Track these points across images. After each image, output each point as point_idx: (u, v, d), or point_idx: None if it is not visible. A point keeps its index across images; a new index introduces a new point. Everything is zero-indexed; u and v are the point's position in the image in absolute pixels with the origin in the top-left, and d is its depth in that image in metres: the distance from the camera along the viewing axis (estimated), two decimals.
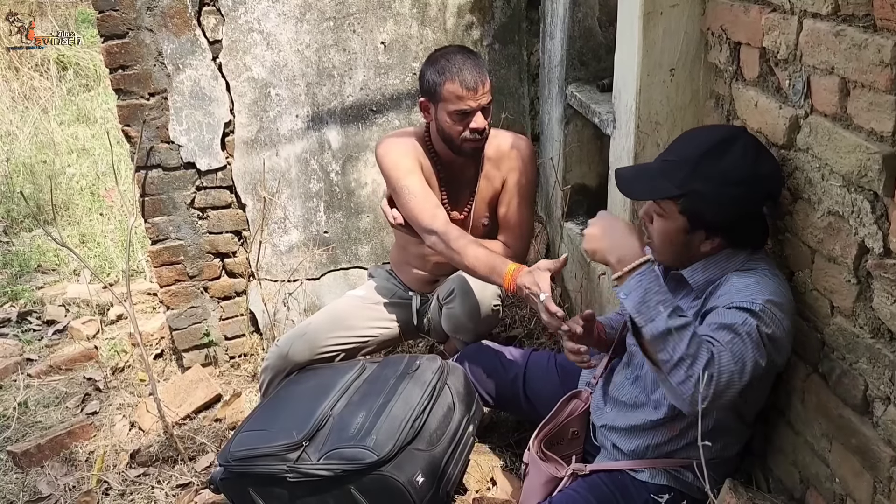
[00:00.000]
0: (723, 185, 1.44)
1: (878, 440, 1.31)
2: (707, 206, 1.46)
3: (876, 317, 1.28)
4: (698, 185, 1.45)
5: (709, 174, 1.44)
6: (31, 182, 4.90)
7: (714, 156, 1.45)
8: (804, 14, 1.39)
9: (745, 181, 1.44)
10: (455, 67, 2.04)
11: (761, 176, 1.45)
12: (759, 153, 1.47)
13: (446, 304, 2.18)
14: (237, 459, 1.86)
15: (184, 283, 2.80)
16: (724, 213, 1.46)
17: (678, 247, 1.54)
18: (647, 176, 1.55)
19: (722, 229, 1.49)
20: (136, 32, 2.47)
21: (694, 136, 1.56)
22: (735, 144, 1.45)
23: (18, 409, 2.75)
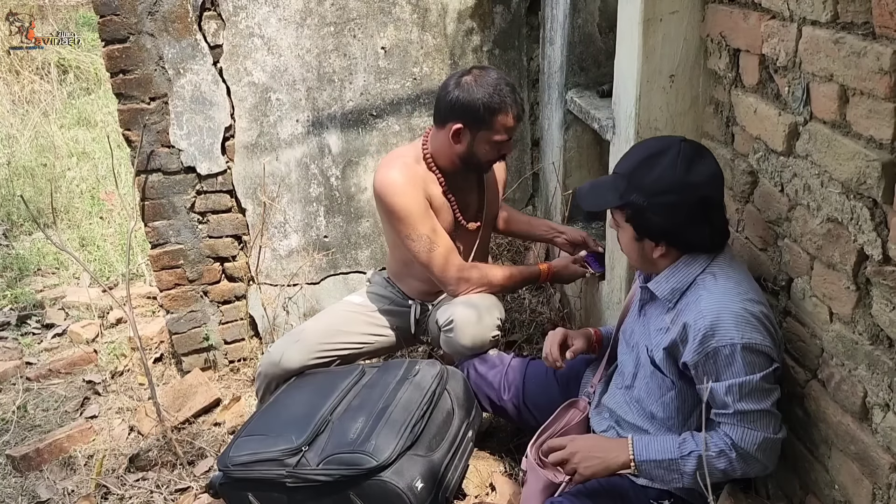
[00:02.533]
0: (653, 195, 1.51)
1: (876, 447, 1.31)
2: (645, 216, 1.54)
3: (875, 323, 1.28)
4: (634, 195, 1.53)
5: (640, 185, 1.53)
6: (32, 185, 4.90)
7: (645, 167, 1.53)
8: (803, 21, 1.40)
9: (674, 190, 1.50)
10: (509, 98, 2.02)
11: (691, 184, 1.50)
12: (692, 162, 1.52)
13: (444, 330, 2.15)
14: (236, 464, 1.86)
15: (184, 286, 2.80)
16: (660, 222, 1.53)
17: (637, 253, 1.62)
18: (599, 188, 1.65)
19: (665, 237, 1.55)
20: (138, 37, 2.48)
21: (634, 149, 1.64)
22: (666, 155, 1.52)
23: (17, 412, 2.75)
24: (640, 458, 1.57)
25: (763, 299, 1.52)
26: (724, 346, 1.45)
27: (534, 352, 2.70)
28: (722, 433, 1.51)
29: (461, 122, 2.04)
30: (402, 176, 2.10)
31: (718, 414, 1.52)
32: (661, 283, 1.60)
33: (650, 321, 1.68)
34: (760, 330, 1.46)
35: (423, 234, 2.10)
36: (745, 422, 1.48)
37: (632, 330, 1.76)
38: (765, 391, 1.47)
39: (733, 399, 1.47)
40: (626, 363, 1.77)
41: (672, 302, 1.59)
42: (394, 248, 2.35)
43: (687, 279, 1.56)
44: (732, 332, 1.45)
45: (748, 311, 1.46)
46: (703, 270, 1.55)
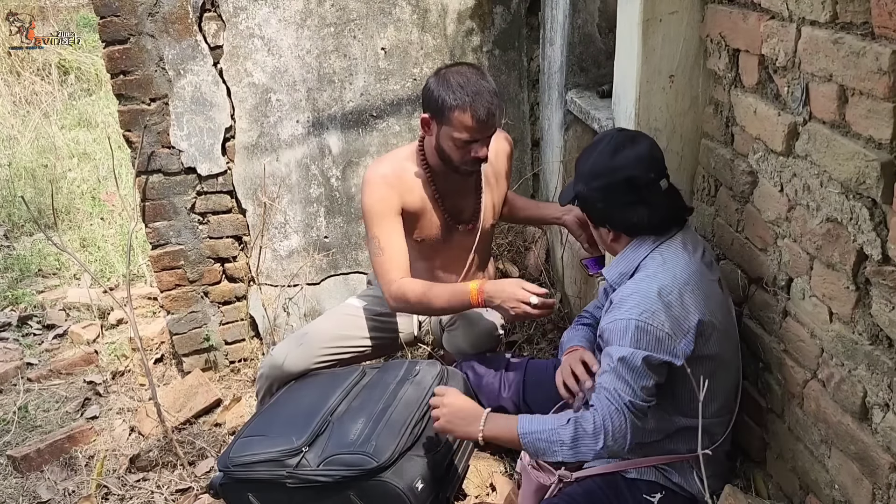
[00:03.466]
0: (588, 183, 1.63)
1: (876, 447, 1.31)
2: (587, 204, 1.67)
3: (874, 323, 1.28)
4: (580, 187, 1.66)
5: (581, 176, 1.66)
6: (33, 186, 4.90)
7: (584, 156, 1.67)
8: (803, 21, 1.40)
9: (602, 174, 1.61)
10: (469, 97, 1.93)
11: (616, 167, 1.59)
12: (620, 147, 1.61)
13: (448, 329, 2.15)
14: (237, 465, 1.86)
15: (184, 287, 2.80)
16: (599, 207, 1.64)
17: (600, 241, 1.75)
18: (566, 187, 1.77)
19: (607, 221, 1.65)
20: (138, 38, 2.48)
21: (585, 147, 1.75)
22: (601, 143, 1.64)
23: (18, 413, 2.75)
24: (524, 430, 1.61)
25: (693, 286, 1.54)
26: (621, 320, 1.52)
27: (534, 352, 2.70)
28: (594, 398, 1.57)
29: (428, 113, 2.04)
30: (378, 175, 2.11)
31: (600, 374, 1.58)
32: (612, 269, 1.69)
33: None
34: (665, 314, 1.50)
35: (374, 236, 2.08)
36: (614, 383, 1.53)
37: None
38: (641, 373, 1.50)
39: (614, 360, 1.52)
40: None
41: (618, 284, 1.66)
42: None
43: (633, 264, 1.63)
44: (634, 310, 1.51)
45: (665, 294, 1.52)
46: (648, 255, 1.61)
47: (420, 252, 2.23)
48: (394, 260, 2.08)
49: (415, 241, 2.20)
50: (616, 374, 1.52)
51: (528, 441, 1.60)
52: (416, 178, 2.13)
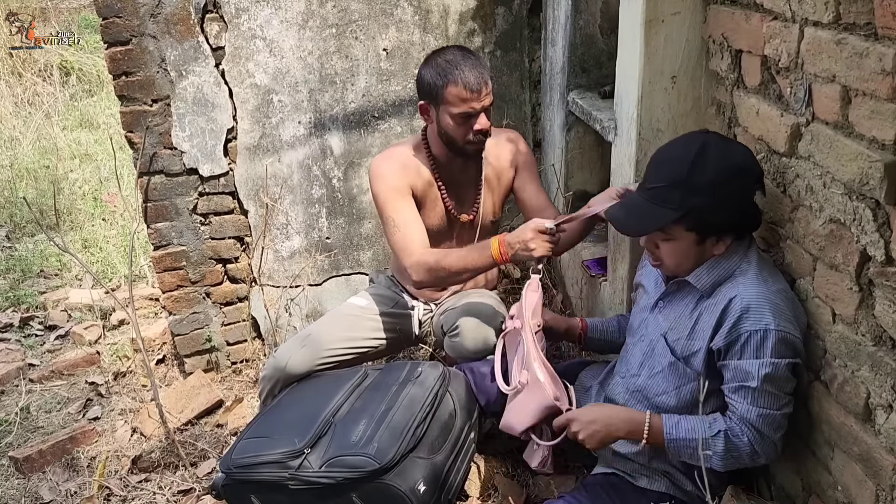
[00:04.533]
0: (719, 189, 1.47)
1: (880, 448, 1.31)
2: (712, 215, 1.50)
3: (878, 325, 1.28)
4: (696, 200, 1.48)
5: (702, 187, 1.48)
6: (34, 187, 4.91)
7: (697, 168, 1.48)
8: (805, 22, 1.40)
9: (734, 176, 1.49)
10: (457, 69, 2.00)
11: (742, 166, 1.50)
12: (728, 146, 1.53)
13: (450, 335, 2.16)
14: (239, 466, 1.86)
15: (186, 288, 2.80)
16: (729, 213, 1.51)
17: (693, 259, 1.58)
18: (640, 210, 1.57)
19: (731, 227, 1.54)
20: (140, 39, 2.48)
21: (669, 157, 1.56)
22: (708, 150, 1.49)
23: (20, 414, 2.75)
24: (672, 436, 1.54)
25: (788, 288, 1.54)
26: (758, 331, 1.44)
27: None
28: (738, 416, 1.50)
29: (424, 99, 2.09)
30: (387, 162, 2.16)
31: (736, 391, 1.50)
32: (703, 276, 1.57)
33: (671, 314, 1.66)
34: (792, 320, 1.46)
35: (389, 216, 2.11)
36: (763, 401, 1.47)
37: (642, 322, 1.76)
38: (787, 380, 1.47)
39: (758, 378, 1.45)
40: (634, 354, 1.76)
41: (708, 293, 1.58)
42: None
43: (728, 270, 1.55)
44: (768, 318, 1.44)
45: (783, 298, 1.48)
46: (742, 259, 1.55)
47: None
48: (411, 234, 2.10)
49: None
50: (762, 391, 1.46)
51: (673, 446, 1.56)
52: (421, 166, 2.18)
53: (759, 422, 1.47)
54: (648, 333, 1.72)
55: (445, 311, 2.25)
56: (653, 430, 1.57)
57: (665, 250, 1.59)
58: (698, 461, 1.48)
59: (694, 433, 1.53)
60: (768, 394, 1.46)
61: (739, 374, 1.48)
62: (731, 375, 1.50)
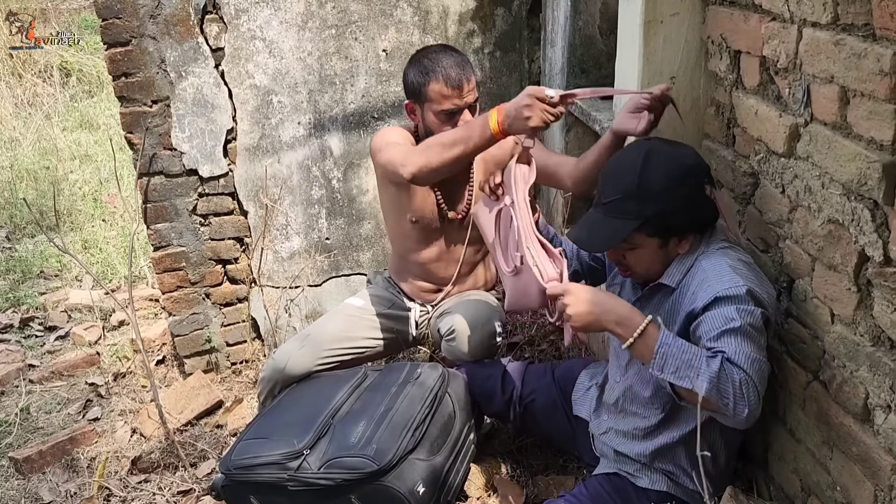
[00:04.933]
0: (672, 194, 1.51)
1: (878, 448, 1.31)
2: (670, 218, 1.54)
3: (876, 325, 1.28)
4: (652, 207, 1.52)
5: (655, 193, 1.51)
6: (34, 188, 4.91)
7: (647, 176, 1.52)
8: (804, 23, 1.40)
9: (683, 177, 1.53)
10: (438, 66, 2.00)
11: (689, 165, 1.54)
12: (673, 149, 1.57)
13: (446, 338, 2.15)
14: (238, 467, 1.86)
15: (186, 289, 2.80)
16: (686, 213, 1.54)
17: (660, 262, 1.61)
18: (600, 226, 1.58)
19: (691, 226, 1.57)
20: (140, 40, 2.49)
21: (618, 169, 1.59)
22: (653, 156, 1.53)
23: (20, 414, 2.75)
24: (666, 343, 1.42)
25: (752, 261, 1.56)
26: (729, 289, 1.44)
27: (535, 353, 2.70)
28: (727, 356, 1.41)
29: (410, 99, 2.11)
30: (393, 130, 2.18)
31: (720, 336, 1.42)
32: (674, 274, 1.59)
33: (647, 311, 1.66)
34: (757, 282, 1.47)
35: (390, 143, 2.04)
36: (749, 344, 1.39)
37: None
38: (762, 331, 1.43)
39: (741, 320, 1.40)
40: (622, 356, 1.77)
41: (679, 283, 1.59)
42: (393, 235, 2.37)
43: (691, 261, 1.58)
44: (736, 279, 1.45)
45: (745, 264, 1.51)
46: (706, 247, 1.58)
47: (416, 237, 2.26)
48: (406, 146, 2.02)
49: (410, 221, 2.24)
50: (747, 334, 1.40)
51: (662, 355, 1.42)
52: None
53: (748, 363, 1.37)
54: None
55: (442, 314, 2.25)
56: (645, 336, 1.44)
57: (632, 259, 1.62)
58: (681, 379, 1.39)
59: (690, 349, 1.41)
60: (752, 338, 1.40)
61: (720, 321, 1.41)
62: (710, 326, 1.43)
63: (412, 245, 2.28)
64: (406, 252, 2.32)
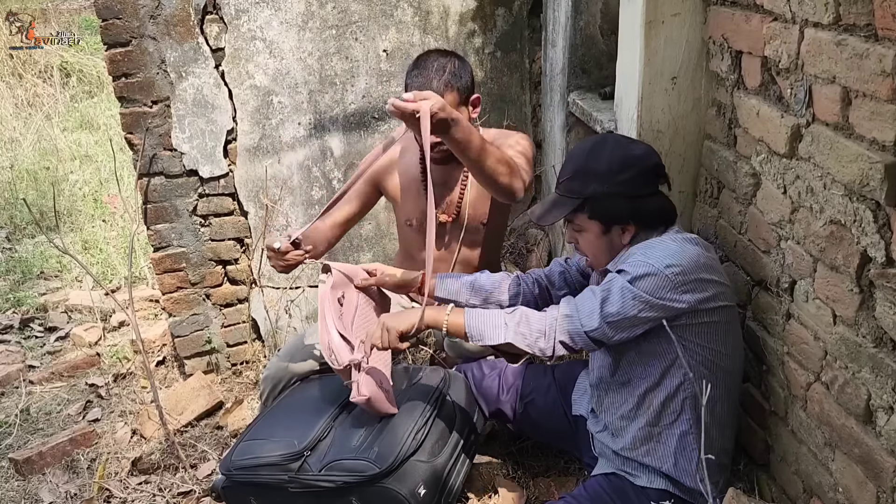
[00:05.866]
0: (612, 176, 1.58)
1: (881, 450, 1.30)
2: (609, 201, 1.60)
3: (879, 326, 1.28)
4: (593, 187, 1.60)
5: (596, 174, 1.60)
6: (35, 188, 4.91)
7: (593, 157, 1.62)
8: (805, 23, 1.39)
9: (627, 165, 1.59)
10: (409, 78, 1.99)
11: (639, 156, 1.60)
12: (630, 141, 1.65)
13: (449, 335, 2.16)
14: (239, 468, 1.86)
15: (186, 290, 2.80)
16: (623, 201, 1.60)
17: (604, 248, 1.67)
18: (551, 204, 1.69)
19: (631, 215, 1.62)
20: (140, 40, 2.48)
21: (573, 152, 1.70)
22: (606, 141, 1.63)
23: (20, 415, 2.75)
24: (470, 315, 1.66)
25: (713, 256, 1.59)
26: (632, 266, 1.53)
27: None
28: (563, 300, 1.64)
29: None
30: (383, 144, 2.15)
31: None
32: (617, 263, 1.64)
33: None
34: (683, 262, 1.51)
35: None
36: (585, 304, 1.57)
37: None
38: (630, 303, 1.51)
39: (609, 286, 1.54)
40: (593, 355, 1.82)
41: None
42: (398, 235, 2.40)
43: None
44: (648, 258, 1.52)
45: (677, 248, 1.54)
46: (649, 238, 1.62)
47: (413, 237, 2.27)
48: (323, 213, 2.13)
49: (406, 224, 2.27)
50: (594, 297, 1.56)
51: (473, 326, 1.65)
52: (415, 157, 2.20)
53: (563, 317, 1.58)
54: None
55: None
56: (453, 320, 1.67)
57: (581, 243, 1.71)
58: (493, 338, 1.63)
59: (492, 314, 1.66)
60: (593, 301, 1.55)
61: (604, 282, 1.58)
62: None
63: (412, 245, 2.30)
64: (408, 252, 2.33)
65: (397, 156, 2.25)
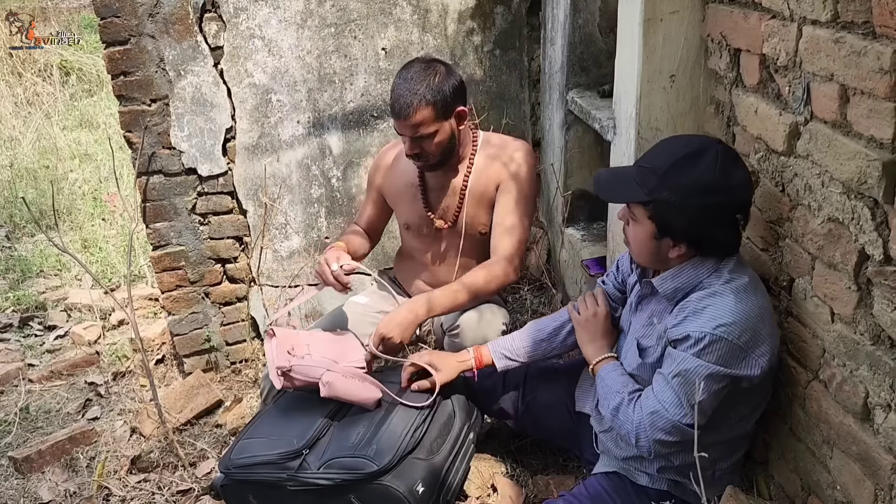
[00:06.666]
0: (690, 195, 1.45)
1: (878, 447, 1.30)
2: (674, 215, 1.48)
3: (876, 324, 1.28)
4: (666, 193, 1.47)
5: (677, 183, 1.46)
6: (34, 187, 4.91)
7: (684, 165, 1.46)
8: (804, 21, 1.39)
9: (713, 191, 1.45)
10: (393, 91, 1.99)
11: (730, 186, 1.46)
12: (729, 163, 1.47)
13: (450, 334, 2.15)
14: (238, 467, 1.86)
15: (185, 288, 2.80)
16: (690, 223, 1.48)
17: (650, 251, 1.57)
18: (621, 180, 1.57)
19: (688, 238, 1.50)
20: (138, 39, 2.48)
21: (669, 145, 1.56)
22: (706, 155, 1.46)
23: (20, 414, 2.75)
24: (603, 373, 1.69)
25: (765, 304, 1.50)
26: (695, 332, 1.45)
27: None
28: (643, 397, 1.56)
29: None
30: (388, 151, 2.29)
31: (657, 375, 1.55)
32: (667, 282, 1.56)
33: (648, 317, 1.67)
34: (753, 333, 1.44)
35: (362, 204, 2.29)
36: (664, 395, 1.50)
37: (628, 322, 1.77)
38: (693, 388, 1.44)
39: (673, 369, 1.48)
40: (624, 354, 1.77)
41: (674, 300, 1.56)
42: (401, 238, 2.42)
43: (693, 281, 1.53)
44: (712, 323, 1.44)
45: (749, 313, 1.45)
46: (711, 274, 1.51)
47: (412, 241, 2.31)
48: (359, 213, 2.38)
49: (405, 227, 2.31)
50: (668, 385, 1.48)
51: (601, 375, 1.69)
52: (410, 164, 2.17)
53: (649, 415, 1.52)
54: (630, 334, 1.74)
55: None
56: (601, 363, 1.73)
57: (629, 231, 1.61)
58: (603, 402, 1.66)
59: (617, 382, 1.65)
60: (672, 391, 1.48)
61: (666, 360, 1.52)
62: (665, 363, 1.54)
63: (410, 247, 2.31)
64: (413, 252, 2.34)
65: (391, 161, 2.27)
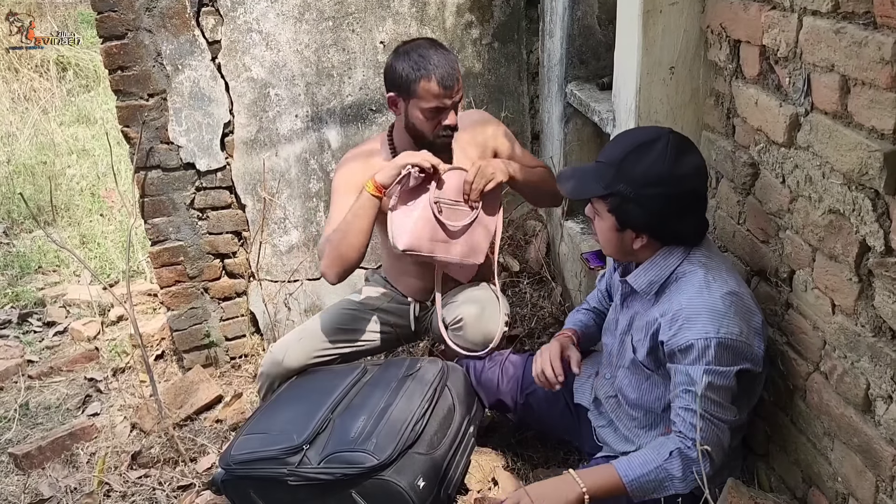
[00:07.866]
0: (643, 186, 1.49)
1: (880, 439, 1.30)
2: (630, 207, 1.52)
3: (877, 315, 1.27)
4: (622, 185, 1.51)
5: (630, 175, 1.50)
6: (32, 183, 4.90)
7: (635, 157, 1.50)
8: (804, 12, 1.39)
9: (664, 182, 1.49)
10: (431, 64, 1.97)
11: (679, 175, 1.49)
12: (681, 152, 1.50)
13: (453, 329, 2.15)
14: (238, 462, 1.86)
15: (184, 283, 2.79)
16: (648, 213, 1.51)
17: (615, 244, 1.60)
18: (582, 176, 1.61)
19: (648, 229, 1.54)
20: (135, 33, 2.47)
21: (621, 138, 1.60)
22: (657, 144, 1.49)
23: (19, 410, 2.75)
24: (629, 478, 1.52)
25: (744, 288, 1.53)
26: (699, 339, 1.45)
27: (535, 346, 2.70)
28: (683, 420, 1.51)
29: (394, 91, 2.06)
30: (352, 156, 2.21)
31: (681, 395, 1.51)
32: (640, 277, 1.60)
33: (633, 314, 1.68)
34: (738, 324, 1.46)
35: (331, 207, 2.16)
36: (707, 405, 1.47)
37: (615, 320, 1.78)
38: (729, 389, 1.47)
39: (702, 384, 1.45)
40: (611, 353, 1.80)
41: (651, 294, 1.59)
42: (381, 244, 2.36)
43: (665, 272, 1.56)
44: (708, 326, 1.45)
45: (728, 303, 1.47)
46: (682, 262, 1.55)
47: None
48: (332, 224, 2.12)
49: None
50: (706, 398, 1.46)
51: (636, 486, 1.52)
52: (383, 162, 2.14)
53: (711, 429, 1.48)
54: (618, 331, 1.75)
55: (446, 305, 2.24)
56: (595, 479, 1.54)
57: (596, 225, 1.64)
58: (664, 493, 1.51)
59: (646, 465, 1.52)
60: (712, 401, 1.47)
61: (685, 378, 1.49)
62: (678, 380, 1.51)
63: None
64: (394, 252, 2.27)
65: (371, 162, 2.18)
